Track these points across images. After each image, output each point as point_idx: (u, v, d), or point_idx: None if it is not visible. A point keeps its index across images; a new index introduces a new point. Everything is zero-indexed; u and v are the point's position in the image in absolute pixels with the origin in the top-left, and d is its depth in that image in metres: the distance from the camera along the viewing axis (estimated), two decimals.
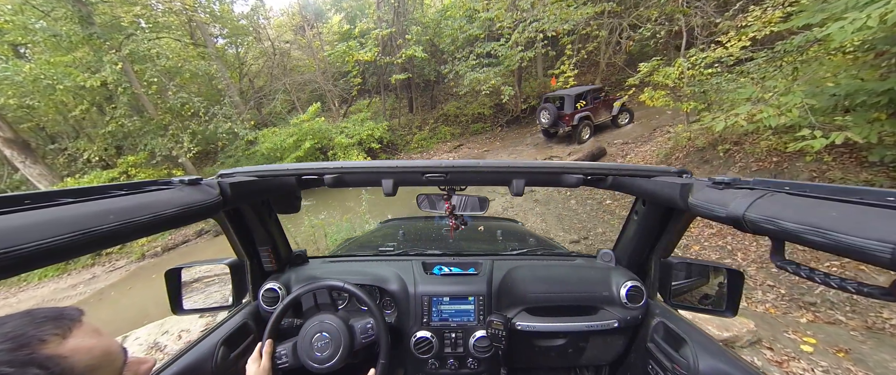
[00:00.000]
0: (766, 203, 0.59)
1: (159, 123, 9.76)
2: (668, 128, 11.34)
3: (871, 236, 0.43)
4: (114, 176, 9.13)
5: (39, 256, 0.45)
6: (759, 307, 3.49)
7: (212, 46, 12.10)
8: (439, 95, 17.93)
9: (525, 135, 14.25)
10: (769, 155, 4.88)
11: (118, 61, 8.42)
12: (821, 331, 2.96)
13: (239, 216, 1.18)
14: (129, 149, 10.24)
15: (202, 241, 9.83)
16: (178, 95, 9.35)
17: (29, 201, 0.50)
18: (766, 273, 3.85)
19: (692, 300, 1.19)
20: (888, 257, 0.41)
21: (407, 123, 16.77)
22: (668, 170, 0.98)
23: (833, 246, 0.47)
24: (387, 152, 14.76)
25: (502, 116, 15.47)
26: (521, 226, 2.87)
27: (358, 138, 12.25)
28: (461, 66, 11.95)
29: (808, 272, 0.55)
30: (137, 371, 0.56)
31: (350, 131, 12.48)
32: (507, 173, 0.99)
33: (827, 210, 0.50)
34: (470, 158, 13.13)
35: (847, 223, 0.46)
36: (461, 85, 13.02)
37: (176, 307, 1.14)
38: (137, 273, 8.74)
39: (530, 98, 14.95)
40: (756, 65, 4.71)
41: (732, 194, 0.67)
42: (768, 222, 0.56)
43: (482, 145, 14.24)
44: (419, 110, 17.30)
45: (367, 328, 1.10)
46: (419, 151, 14.77)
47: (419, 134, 15.42)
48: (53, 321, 0.47)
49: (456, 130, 15.55)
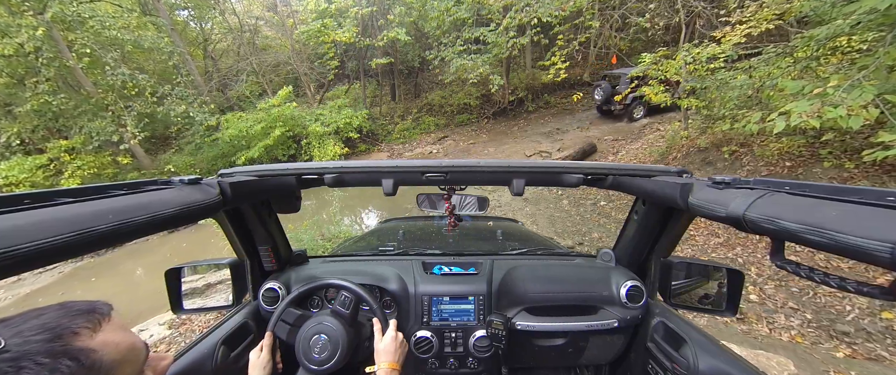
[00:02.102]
0: (766, 203, 0.59)
1: (100, 103, 8.42)
2: (658, 126, 11.09)
3: (870, 235, 0.43)
4: (42, 162, 7.83)
5: (39, 256, 0.45)
6: (784, 335, 3.07)
7: (167, 18, 10.68)
8: (424, 84, 17.05)
9: (512, 128, 13.71)
10: (781, 158, 4.49)
11: (39, 25, 7.07)
12: (864, 371, 2.55)
13: (239, 216, 1.17)
14: (67, 132, 8.81)
15: (156, 237, 8.78)
16: (118, 71, 8.04)
17: (28, 200, 0.49)
18: (788, 294, 3.44)
19: (692, 299, 1.18)
20: (888, 256, 0.41)
21: (389, 111, 15.86)
22: (668, 170, 0.98)
23: (833, 246, 0.47)
24: (367, 143, 13.87)
25: (489, 108, 14.83)
26: (521, 226, 2.80)
27: (334, 127, 11.32)
28: (447, 51, 11.15)
29: (807, 271, 0.56)
30: (157, 367, 0.57)
31: (326, 119, 11.52)
32: (507, 173, 0.98)
33: (827, 210, 0.50)
34: (456, 152, 12.55)
35: (847, 223, 0.46)
36: (447, 72, 12.24)
37: (176, 307, 1.14)
38: (74, 275, 7.66)
39: (518, 90, 14.35)
40: (775, 54, 4.23)
41: (732, 194, 0.67)
42: (768, 221, 0.56)
43: (468, 137, 13.59)
44: (402, 99, 16.39)
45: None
46: (401, 141, 13.97)
47: (401, 124, 14.58)
48: (86, 315, 0.48)
49: (440, 121, 14.80)
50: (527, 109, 14.68)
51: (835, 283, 0.51)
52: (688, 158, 6.05)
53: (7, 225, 0.43)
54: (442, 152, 12.53)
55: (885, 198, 0.46)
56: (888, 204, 0.45)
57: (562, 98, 15.32)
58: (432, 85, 16.89)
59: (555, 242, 2.40)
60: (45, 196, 0.51)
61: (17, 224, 0.44)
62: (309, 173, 1.02)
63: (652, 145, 8.61)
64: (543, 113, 14.69)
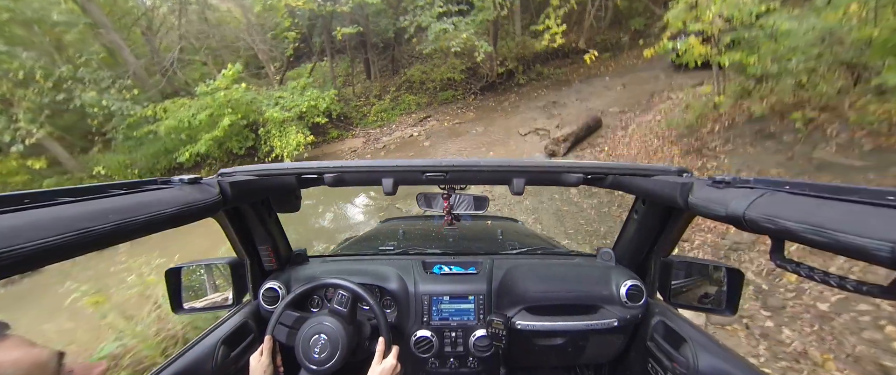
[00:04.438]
0: (767, 202, 0.60)
1: None
2: (667, 93, 9.75)
3: (870, 234, 0.43)
4: None
5: (39, 255, 0.45)
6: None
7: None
8: (402, 58, 15.23)
9: (503, 103, 12.21)
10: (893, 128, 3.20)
11: None
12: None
13: (239, 216, 1.17)
14: None
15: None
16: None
17: (28, 200, 0.49)
18: (828, 331, 2.23)
19: (692, 299, 1.18)
20: (888, 255, 0.41)
21: (363, 91, 14.11)
22: (668, 169, 0.97)
23: (833, 245, 0.47)
24: (339, 127, 12.23)
25: (476, 83, 13.22)
26: (521, 225, 2.79)
27: (297, 111, 9.65)
28: (424, 16, 9.43)
29: (807, 270, 0.56)
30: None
31: (287, 102, 9.82)
32: (507, 173, 1.01)
33: (827, 209, 0.50)
34: (440, 133, 11.06)
35: (847, 222, 0.46)
36: (426, 42, 10.55)
37: (175, 307, 1.15)
38: None
39: (508, 61, 12.74)
40: None
41: (732, 194, 0.68)
42: (768, 220, 0.57)
43: (453, 116, 12.06)
44: (378, 76, 14.61)
45: None
46: (379, 125, 12.36)
47: (378, 104, 12.91)
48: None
49: (422, 100, 13.17)
50: (517, 82, 13.13)
51: (834, 282, 0.51)
52: (732, 131, 4.73)
53: (7, 225, 0.43)
54: (424, 134, 11.03)
55: (885, 197, 0.46)
56: (888, 203, 0.46)
57: (556, 68, 13.80)
58: (411, 59, 15.09)
59: (555, 241, 2.41)
60: (45, 196, 0.51)
61: (17, 224, 0.44)
62: (309, 173, 1.04)
63: (668, 117, 7.29)
64: (536, 85, 13.17)
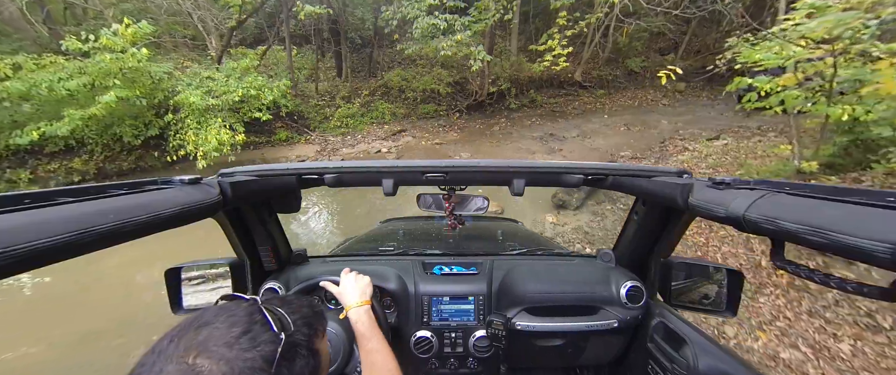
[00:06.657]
0: (766, 203, 0.60)
1: None
2: (680, 142, 8.50)
3: (870, 236, 0.43)
4: None
5: (39, 255, 0.45)
6: None
7: None
8: (381, 60, 13.30)
9: (492, 127, 10.51)
10: None
11: None
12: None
13: (239, 216, 1.17)
14: None
15: None
16: None
17: (28, 200, 0.49)
18: None
19: (692, 300, 1.18)
20: (887, 257, 0.41)
21: (329, 89, 11.92)
22: (668, 170, 0.98)
23: (833, 246, 0.47)
24: (291, 129, 9.87)
25: (462, 100, 11.52)
26: (521, 226, 2.77)
27: (229, 99, 7.28)
28: (411, 7, 7.60)
29: (807, 271, 0.56)
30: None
31: (217, 86, 7.42)
32: (507, 173, 1.01)
33: (827, 210, 0.50)
34: (415, 154, 9.03)
35: (847, 223, 0.46)
36: (410, 40, 8.69)
37: (175, 307, 1.14)
38: None
39: (500, 80, 11.19)
40: None
41: (732, 195, 0.68)
42: (768, 222, 0.57)
43: (433, 134, 10.15)
44: (351, 76, 12.53)
45: None
46: (341, 132, 10.16)
47: (345, 108, 10.76)
48: (322, 320, 0.57)
49: (399, 110, 11.20)
50: (509, 105, 11.58)
51: (834, 283, 0.51)
52: None
53: (7, 225, 0.43)
54: (395, 151, 8.97)
55: (885, 198, 0.46)
56: (888, 204, 0.45)
57: (550, 97, 12.46)
58: (392, 63, 13.19)
59: (555, 242, 2.34)
60: (46, 196, 0.51)
61: (17, 224, 0.44)
62: (309, 173, 1.05)
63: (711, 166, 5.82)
64: (529, 113, 11.69)
